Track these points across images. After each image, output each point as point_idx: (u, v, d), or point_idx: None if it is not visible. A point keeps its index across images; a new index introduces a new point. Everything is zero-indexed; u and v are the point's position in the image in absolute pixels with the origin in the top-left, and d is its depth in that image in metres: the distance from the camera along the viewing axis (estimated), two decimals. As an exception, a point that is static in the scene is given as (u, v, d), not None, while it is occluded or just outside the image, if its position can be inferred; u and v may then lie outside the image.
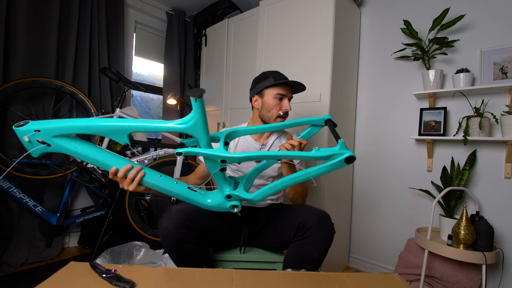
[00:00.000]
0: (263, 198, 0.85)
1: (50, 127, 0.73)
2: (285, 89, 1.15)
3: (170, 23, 2.62)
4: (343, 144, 0.74)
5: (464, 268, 1.35)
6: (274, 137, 1.24)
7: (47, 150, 0.75)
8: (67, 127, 0.74)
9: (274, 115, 1.14)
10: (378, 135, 1.88)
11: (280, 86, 1.15)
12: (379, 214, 1.87)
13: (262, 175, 1.19)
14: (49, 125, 0.73)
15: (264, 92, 1.16)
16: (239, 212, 0.87)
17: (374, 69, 1.91)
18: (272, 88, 1.14)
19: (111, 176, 0.81)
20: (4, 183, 1.55)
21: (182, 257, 0.96)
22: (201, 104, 0.73)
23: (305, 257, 0.96)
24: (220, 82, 2.42)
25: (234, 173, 1.20)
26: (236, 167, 1.20)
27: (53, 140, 0.74)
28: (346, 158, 0.72)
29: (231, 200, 0.85)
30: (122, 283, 0.66)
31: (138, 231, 1.89)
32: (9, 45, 1.66)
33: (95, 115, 1.83)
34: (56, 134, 0.74)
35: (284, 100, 1.15)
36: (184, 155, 0.79)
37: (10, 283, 1.51)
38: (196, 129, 0.76)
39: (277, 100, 1.14)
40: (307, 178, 0.78)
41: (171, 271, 0.79)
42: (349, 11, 1.82)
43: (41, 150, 0.75)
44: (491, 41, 1.47)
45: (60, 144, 0.75)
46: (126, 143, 0.78)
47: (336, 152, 0.73)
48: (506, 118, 1.35)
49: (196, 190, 0.86)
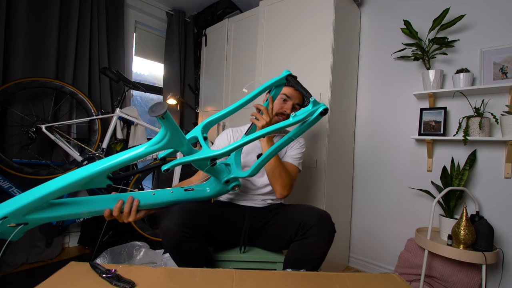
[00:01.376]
0: (258, 171, 0.93)
1: (17, 208, 0.62)
2: (295, 93, 1.18)
3: (170, 23, 2.62)
4: (315, 101, 0.81)
5: (464, 268, 1.35)
6: (277, 138, 1.25)
7: (26, 228, 0.67)
8: (36, 200, 0.64)
9: (274, 111, 1.16)
10: (378, 135, 1.88)
11: (291, 87, 1.17)
12: (379, 214, 1.87)
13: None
14: (14, 206, 0.62)
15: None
16: (240, 187, 0.97)
17: (374, 69, 1.91)
18: (283, 87, 1.17)
19: (108, 218, 0.80)
20: (4, 183, 1.55)
21: (183, 256, 0.96)
22: (169, 119, 0.67)
23: (306, 257, 0.96)
24: (220, 82, 2.42)
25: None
26: (242, 163, 1.21)
27: (28, 217, 0.65)
28: (320, 112, 0.80)
29: (229, 184, 0.91)
30: (122, 283, 0.66)
31: (138, 231, 1.89)
32: (9, 45, 1.66)
33: (95, 115, 1.83)
34: (27, 211, 0.65)
35: (288, 102, 1.18)
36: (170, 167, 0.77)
37: (10, 283, 1.51)
38: (173, 143, 0.73)
39: (281, 100, 1.18)
40: (291, 140, 0.87)
41: (171, 271, 0.79)
42: (349, 11, 1.82)
43: (21, 232, 0.66)
44: (491, 41, 1.47)
45: (37, 217, 0.67)
46: (109, 184, 0.72)
47: (310, 110, 0.81)
48: (506, 118, 1.35)
49: (193, 189, 0.87)
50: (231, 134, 1.28)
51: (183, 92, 2.70)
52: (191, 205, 1.00)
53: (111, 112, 1.89)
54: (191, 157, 0.77)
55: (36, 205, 0.65)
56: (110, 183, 0.73)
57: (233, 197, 1.21)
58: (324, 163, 1.63)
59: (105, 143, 1.84)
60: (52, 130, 1.67)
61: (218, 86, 2.45)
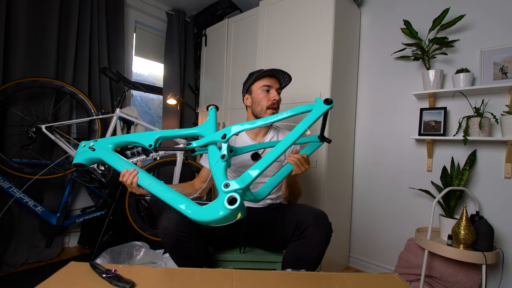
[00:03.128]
0: (269, 193, 0.90)
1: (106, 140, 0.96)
2: (271, 81, 1.19)
3: (170, 23, 2.62)
4: (318, 99, 0.85)
5: (464, 268, 1.35)
6: (270, 136, 1.25)
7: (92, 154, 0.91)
8: (115, 139, 0.96)
9: (264, 106, 1.16)
10: (378, 135, 1.88)
11: (265, 78, 1.19)
12: (379, 214, 1.87)
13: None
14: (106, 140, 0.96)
15: (252, 88, 1.21)
16: (239, 212, 0.69)
17: (374, 69, 1.91)
18: (257, 82, 1.19)
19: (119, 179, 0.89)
20: (4, 183, 1.55)
21: (182, 256, 0.97)
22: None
23: (304, 257, 0.96)
24: (220, 82, 2.42)
25: (235, 173, 1.21)
26: (235, 167, 1.20)
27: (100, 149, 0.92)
28: (324, 100, 0.83)
29: (228, 190, 0.67)
30: (122, 283, 0.66)
31: (138, 231, 1.89)
32: (9, 45, 1.66)
33: (95, 115, 1.83)
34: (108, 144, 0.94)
35: (271, 91, 1.18)
36: (187, 153, 0.84)
37: (10, 283, 1.51)
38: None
39: (264, 92, 1.17)
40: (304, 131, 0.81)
41: (171, 271, 0.79)
42: (349, 11, 1.82)
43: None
44: (491, 41, 1.47)
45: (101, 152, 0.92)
46: (150, 144, 0.91)
47: (315, 106, 0.85)
48: (506, 118, 1.35)
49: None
50: (234, 139, 1.25)
51: (183, 92, 2.70)
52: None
53: (111, 112, 1.88)
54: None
55: (114, 142, 0.95)
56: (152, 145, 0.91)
57: None
58: (324, 163, 1.63)
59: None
60: (52, 130, 1.67)
61: (218, 86, 2.45)
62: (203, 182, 1.17)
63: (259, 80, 1.19)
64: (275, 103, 1.17)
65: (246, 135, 1.23)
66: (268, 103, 1.16)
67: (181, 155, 1.88)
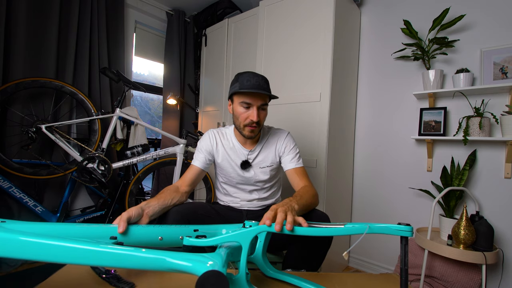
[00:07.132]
0: None
1: None
2: (252, 98, 1.02)
3: (170, 23, 2.62)
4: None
5: (464, 268, 1.35)
6: (261, 145, 1.16)
7: None
8: None
9: (241, 123, 1.05)
10: (378, 135, 1.88)
11: (246, 94, 1.02)
12: (379, 214, 1.87)
13: (247, 180, 1.15)
14: None
15: (233, 97, 1.07)
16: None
17: (374, 69, 1.91)
18: (237, 95, 1.05)
19: None
20: (4, 183, 1.55)
21: None
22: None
23: (305, 258, 0.96)
24: (220, 82, 2.42)
25: (225, 185, 1.20)
26: (226, 179, 1.18)
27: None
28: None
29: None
30: (122, 284, 0.66)
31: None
32: (9, 45, 1.66)
33: (95, 115, 1.83)
34: None
35: (251, 109, 1.03)
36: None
37: (10, 283, 1.51)
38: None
39: (243, 108, 1.04)
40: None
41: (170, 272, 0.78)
42: (349, 11, 1.82)
43: None
44: (491, 41, 1.47)
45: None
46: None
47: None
48: (506, 118, 1.35)
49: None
50: (213, 137, 1.16)
51: (183, 92, 2.70)
52: (189, 206, 1.00)
53: (111, 112, 1.88)
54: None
55: None
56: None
57: (232, 201, 1.21)
58: (324, 163, 1.63)
59: (105, 143, 1.83)
60: (52, 130, 1.67)
61: (218, 86, 2.45)
62: (189, 186, 1.08)
63: (239, 95, 1.04)
64: (253, 123, 1.04)
65: (236, 141, 1.16)
66: (245, 122, 1.04)
67: (181, 155, 1.88)
